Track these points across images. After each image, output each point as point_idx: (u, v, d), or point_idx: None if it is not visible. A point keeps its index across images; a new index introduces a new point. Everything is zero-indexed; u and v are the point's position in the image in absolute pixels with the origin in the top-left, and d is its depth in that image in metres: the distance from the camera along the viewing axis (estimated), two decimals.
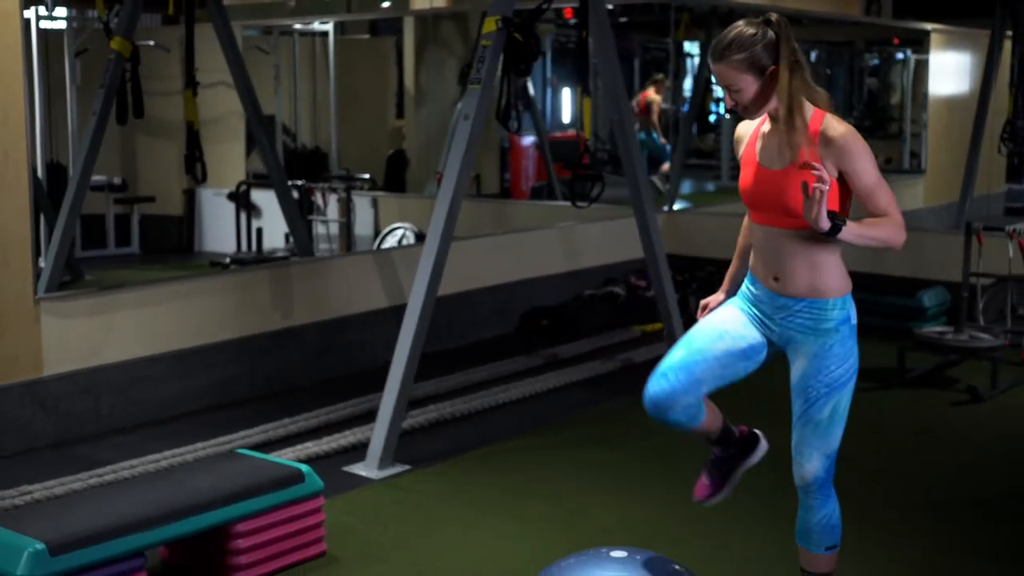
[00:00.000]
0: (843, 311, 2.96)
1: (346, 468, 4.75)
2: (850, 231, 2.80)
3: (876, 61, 13.80)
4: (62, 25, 8.96)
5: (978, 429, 5.36)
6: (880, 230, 2.85)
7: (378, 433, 4.76)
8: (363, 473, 4.71)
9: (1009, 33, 9.04)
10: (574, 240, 8.02)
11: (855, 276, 3.03)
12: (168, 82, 9.19)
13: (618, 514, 4.26)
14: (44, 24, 8.79)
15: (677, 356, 3.06)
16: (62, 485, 4.45)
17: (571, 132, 12.19)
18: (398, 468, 4.75)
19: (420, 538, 4.06)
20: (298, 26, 11.09)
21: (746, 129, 3.07)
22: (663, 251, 6.23)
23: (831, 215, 2.77)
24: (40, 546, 3.18)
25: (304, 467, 3.86)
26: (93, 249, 9.22)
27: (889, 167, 12.87)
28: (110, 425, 5.25)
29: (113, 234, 9.60)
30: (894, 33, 12.28)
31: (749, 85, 2.89)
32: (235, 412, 5.52)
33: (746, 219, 3.23)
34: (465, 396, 5.75)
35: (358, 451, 4.93)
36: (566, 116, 13.53)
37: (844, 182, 2.88)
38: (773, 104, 2.91)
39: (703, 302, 3.31)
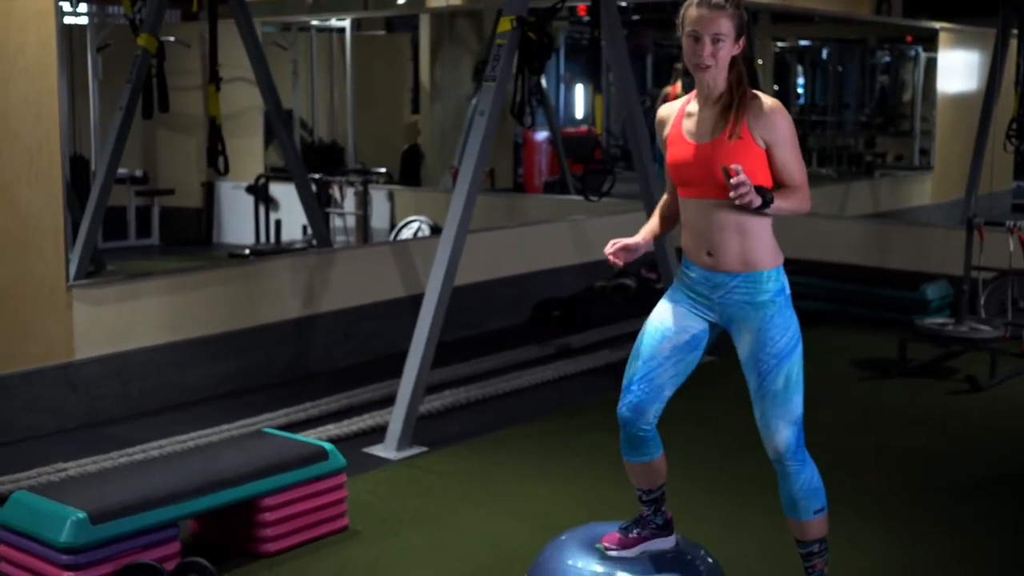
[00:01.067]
0: (777, 282, 3.12)
1: (366, 449, 4.94)
2: (776, 205, 3.01)
3: (888, 58, 13.87)
4: (84, 21, 9.17)
5: (977, 417, 5.53)
6: (794, 200, 3.07)
7: (396, 416, 4.96)
8: (382, 454, 4.90)
9: (1015, 32, 9.18)
10: (586, 233, 8.20)
11: (859, 270, 3.18)
12: (187, 77, 9.38)
13: (625, 495, 4.41)
14: (68, 20, 8.99)
15: (635, 368, 3.22)
16: (95, 463, 4.66)
17: (583, 128, 12.36)
18: (415, 450, 4.95)
19: (436, 515, 4.25)
20: (315, 22, 11.28)
21: (669, 111, 3.22)
22: (672, 245, 6.41)
23: (760, 191, 2.97)
24: (82, 515, 3.38)
25: (328, 445, 4.06)
26: (114, 240, 9.41)
27: (900, 164, 13.00)
28: (138, 407, 5.46)
29: (134, 225, 9.80)
30: (904, 31, 12.39)
31: (729, 39, 3.04)
32: (258, 396, 5.72)
33: (663, 199, 3.38)
34: (480, 383, 5.94)
35: (377, 434, 5.12)
36: (579, 112, 13.70)
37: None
38: (725, 71, 3.07)
39: (613, 241, 3.27)
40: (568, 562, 3.39)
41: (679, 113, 3.18)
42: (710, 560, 3.47)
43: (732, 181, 2.92)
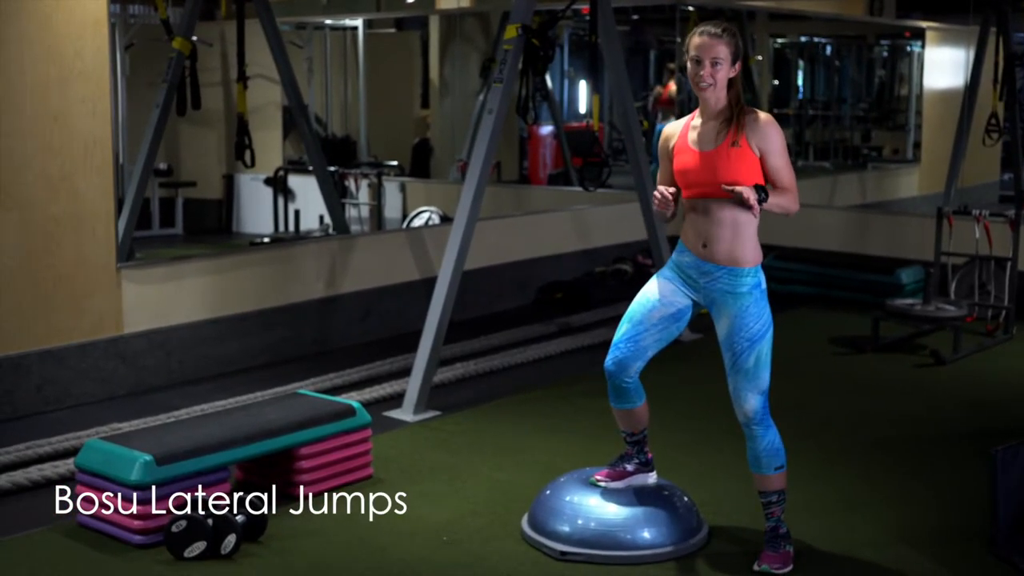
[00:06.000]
0: (755, 278, 3.66)
1: (386, 413, 5.51)
2: (770, 201, 3.55)
3: (886, 54, 14.22)
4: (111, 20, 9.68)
5: (938, 386, 6.09)
6: (784, 200, 3.60)
7: (413, 382, 5.52)
8: (400, 417, 5.47)
9: (994, 30, 9.67)
10: (587, 221, 8.75)
11: (841, 256, 3.66)
12: (208, 74, 9.85)
13: (619, 448, 4.98)
14: None
15: (624, 330, 3.77)
16: (146, 424, 5.22)
17: (584, 123, 12.85)
18: (430, 413, 5.51)
19: (450, 465, 4.82)
20: (329, 22, 11.79)
21: (674, 129, 3.76)
22: (665, 233, 6.96)
23: (757, 188, 3.50)
24: (149, 457, 3.95)
25: (355, 403, 4.62)
26: (138, 230, 9.90)
27: (896, 157, 13.45)
28: (179, 377, 6.03)
29: (158, 216, 10.33)
30: (902, 27, 12.78)
31: (726, 63, 3.58)
32: (287, 368, 6.29)
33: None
34: (488, 356, 6.49)
35: (395, 400, 5.69)
36: (582, 107, 14.18)
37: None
38: (724, 90, 3.59)
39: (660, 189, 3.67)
40: (566, 498, 3.96)
41: (685, 127, 3.71)
42: (686, 499, 4.04)
43: (736, 190, 3.47)
